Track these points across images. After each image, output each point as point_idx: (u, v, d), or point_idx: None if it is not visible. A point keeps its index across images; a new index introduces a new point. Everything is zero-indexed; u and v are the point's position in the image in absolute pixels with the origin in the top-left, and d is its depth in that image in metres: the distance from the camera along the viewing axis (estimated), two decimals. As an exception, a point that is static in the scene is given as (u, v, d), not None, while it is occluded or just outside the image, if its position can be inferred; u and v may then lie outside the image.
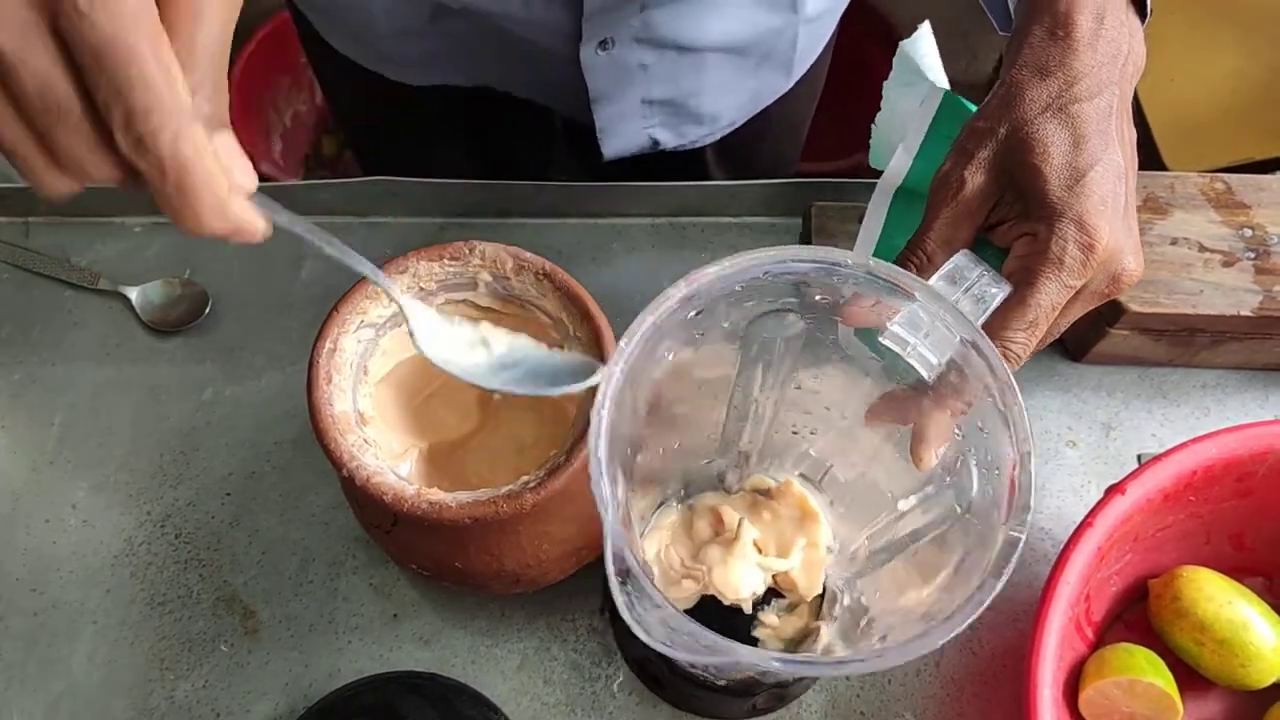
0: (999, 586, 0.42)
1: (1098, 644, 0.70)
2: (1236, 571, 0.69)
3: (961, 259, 0.51)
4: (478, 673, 0.72)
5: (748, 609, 0.62)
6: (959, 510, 0.49)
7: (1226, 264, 0.74)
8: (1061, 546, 0.62)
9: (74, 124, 0.36)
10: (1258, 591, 0.70)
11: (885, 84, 0.66)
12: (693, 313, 0.48)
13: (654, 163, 0.93)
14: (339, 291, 0.60)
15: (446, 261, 0.60)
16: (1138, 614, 0.71)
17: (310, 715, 0.67)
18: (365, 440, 0.58)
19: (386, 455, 0.61)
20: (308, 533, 0.76)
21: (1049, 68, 0.51)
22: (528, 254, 0.59)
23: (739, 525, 0.60)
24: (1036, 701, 0.58)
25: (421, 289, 0.61)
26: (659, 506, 0.65)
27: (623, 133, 0.87)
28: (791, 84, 0.93)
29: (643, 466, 0.57)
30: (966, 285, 0.50)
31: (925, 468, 0.51)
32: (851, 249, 0.73)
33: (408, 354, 0.63)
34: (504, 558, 0.60)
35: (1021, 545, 0.43)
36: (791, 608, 0.64)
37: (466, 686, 0.69)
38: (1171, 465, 0.64)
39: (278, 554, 0.75)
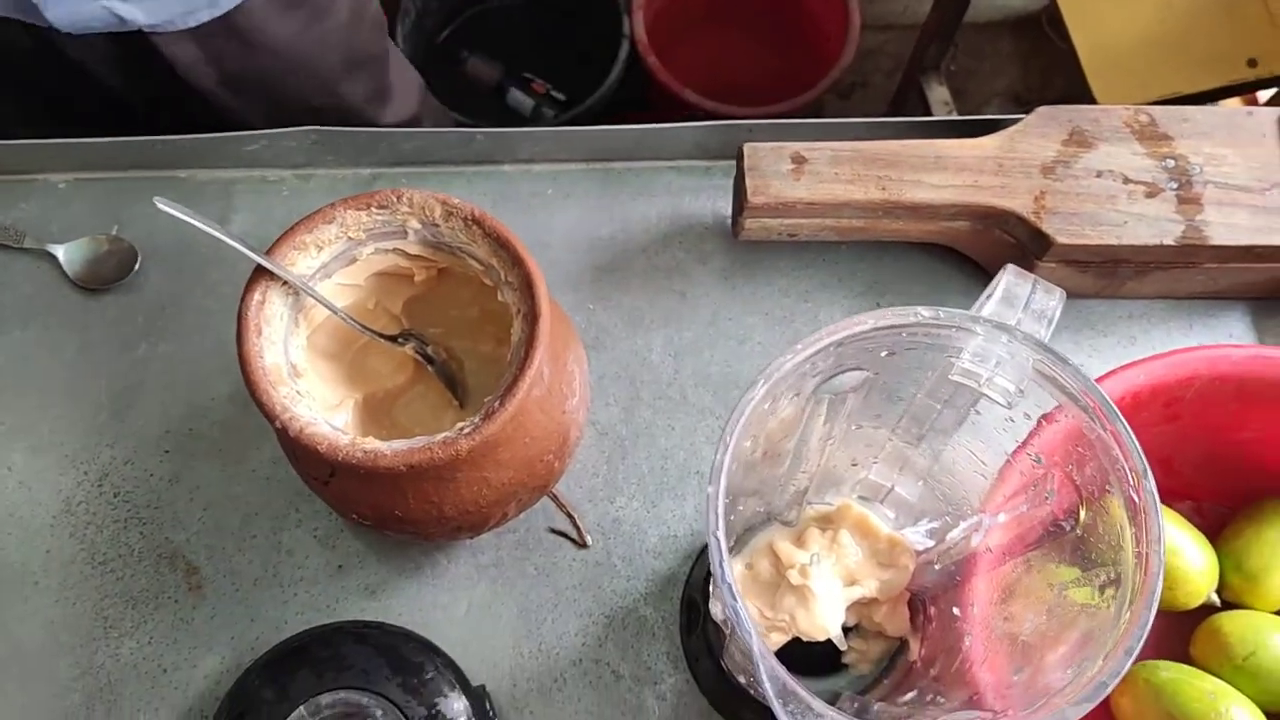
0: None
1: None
2: (1166, 496, 0.71)
3: (1010, 276, 0.51)
4: (425, 620, 0.72)
5: (843, 645, 0.62)
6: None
7: (1150, 195, 0.75)
8: (995, 474, 0.64)
9: None
10: (1187, 515, 0.71)
11: None
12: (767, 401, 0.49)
13: None
14: (268, 244, 0.60)
15: (374, 210, 0.59)
16: (1068, 539, 0.73)
17: (258, 667, 0.67)
18: (298, 392, 0.57)
19: (321, 407, 0.61)
20: (249, 487, 0.76)
21: None
22: (456, 200, 0.59)
23: (809, 565, 0.60)
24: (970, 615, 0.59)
25: (350, 238, 0.60)
26: None
27: None
28: None
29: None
30: (1023, 303, 0.50)
31: None
32: (781, 186, 0.74)
33: (339, 305, 0.62)
34: (443, 504, 0.60)
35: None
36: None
37: (413, 634, 0.69)
38: (1100, 392, 0.65)
39: (220, 510, 0.75)
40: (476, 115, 1.50)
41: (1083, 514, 0.50)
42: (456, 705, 0.65)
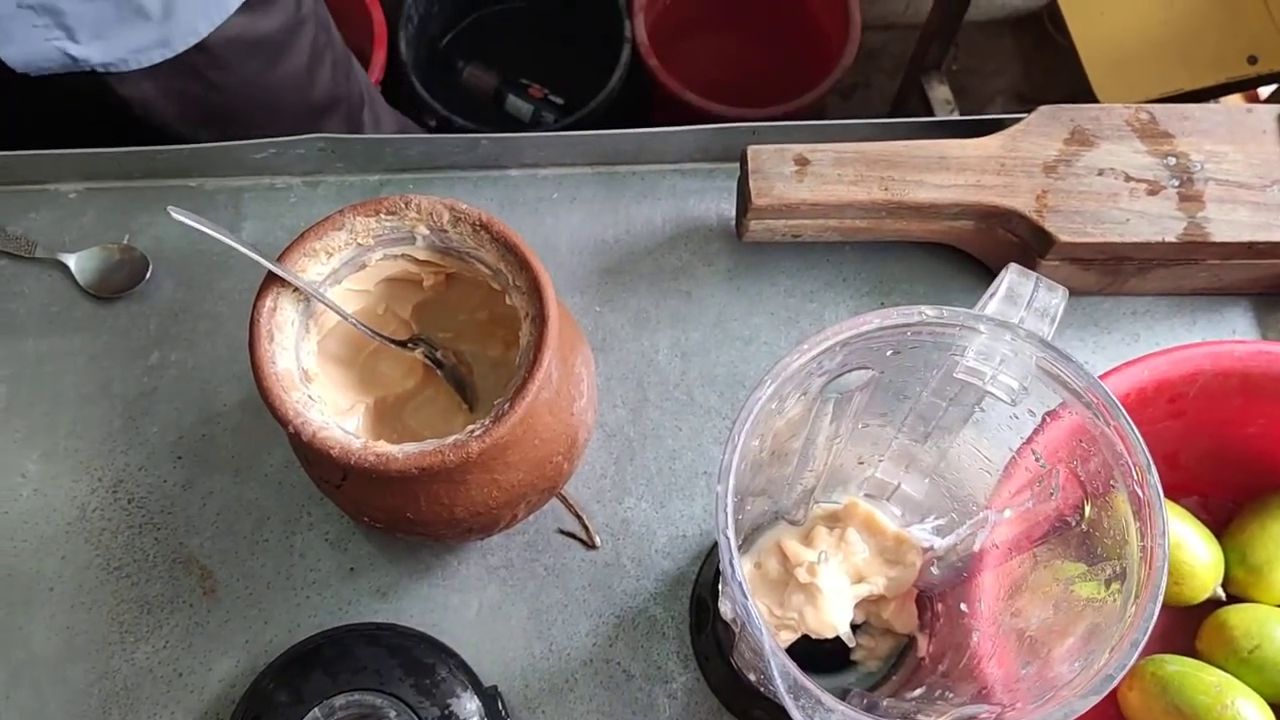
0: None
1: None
2: (1172, 491, 0.71)
3: (1013, 275, 0.51)
4: (436, 621, 0.73)
5: (851, 642, 0.63)
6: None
7: (1151, 192, 0.76)
8: (1001, 471, 0.64)
9: None
10: (1193, 510, 0.72)
11: None
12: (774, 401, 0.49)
13: None
14: (278, 251, 0.60)
15: (383, 216, 0.60)
16: (1074, 535, 0.73)
17: (272, 670, 0.68)
18: (310, 397, 0.58)
19: (332, 411, 0.61)
20: (262, 492, 0.76)
21: None
22: (464, 205, 0.60)
23: (816, 563, 0.60)
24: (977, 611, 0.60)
25: (359, 245, 0.61)
26: None
27: (16, 36, 0.76)
28: None
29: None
30: (1025, 301, 0.50)
31: None
32: (785, 188, 0.75)
33: (349, 310, 0.63)
34: (454, 506, 0.61)
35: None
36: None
37: (425, 635, 0.70)
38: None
39: (233, 514, 0.76)
40: (478, 121, 1.51)
41: (1088, 509, 0.50)
42: (469, 706, 0.66)
